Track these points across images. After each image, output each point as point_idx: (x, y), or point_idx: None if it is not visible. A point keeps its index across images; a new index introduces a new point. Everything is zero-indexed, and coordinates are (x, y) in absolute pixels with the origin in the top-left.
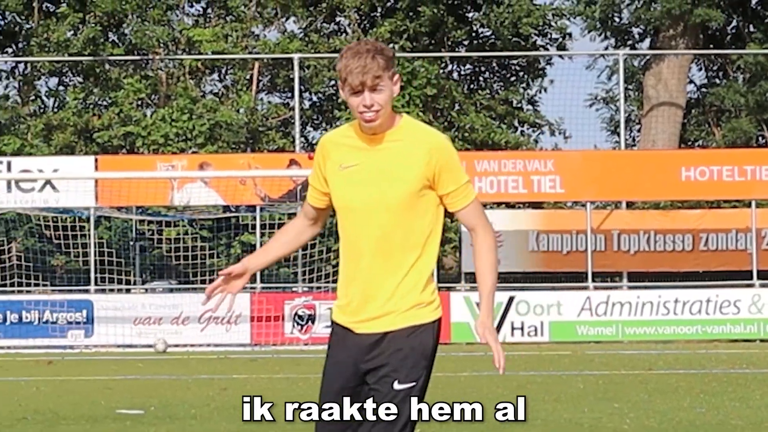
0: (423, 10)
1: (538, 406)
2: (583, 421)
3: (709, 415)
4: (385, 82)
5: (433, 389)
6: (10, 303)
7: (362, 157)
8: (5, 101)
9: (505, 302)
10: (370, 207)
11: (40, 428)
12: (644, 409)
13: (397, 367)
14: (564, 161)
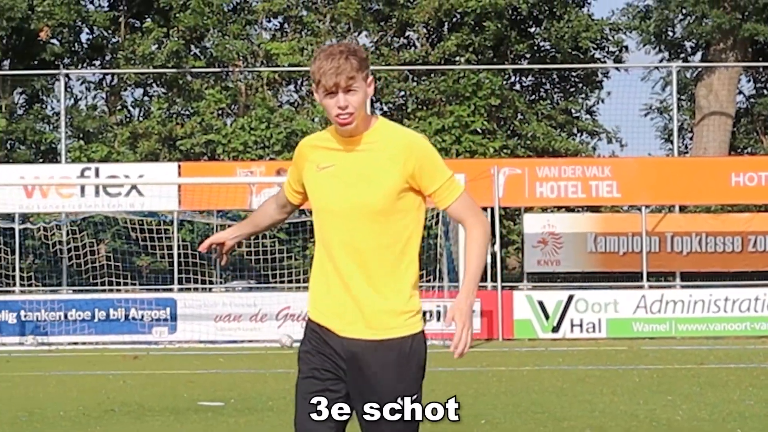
0: (488, 25)
1: (596, 398)
2: (639, 412)
3: (757, 407)
4: (358, 83)
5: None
6: (99, 301)
7: (338, 159)
8: (94, 111)
9: (565, 300)
10: (347, 210)
11: (127, 420)
12: (696, 402)
13: (393, 381)
14: (620, 167)
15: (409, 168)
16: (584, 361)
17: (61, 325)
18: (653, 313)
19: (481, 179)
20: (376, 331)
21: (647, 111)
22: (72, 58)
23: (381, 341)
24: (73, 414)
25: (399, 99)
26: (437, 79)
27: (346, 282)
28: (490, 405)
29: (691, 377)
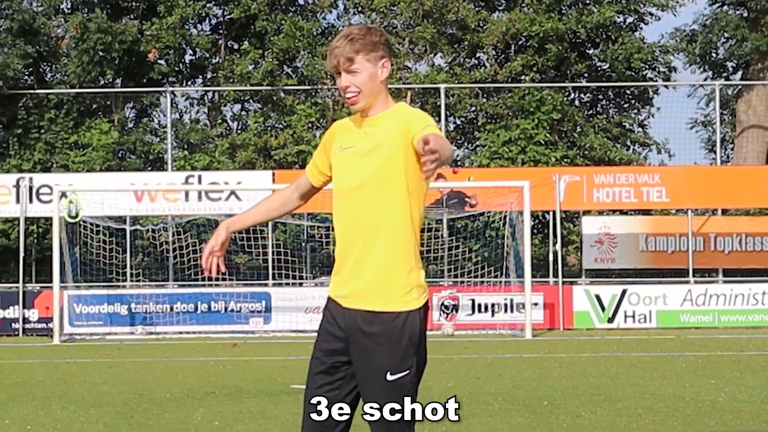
0: (550, 47)
1: (647, 381)
2: (685, 394)
3: None
4: (358, 64)
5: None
6: (201, 295)
7: (357, 139)
8: (196, 124)
9: (619, 294)
10: (354, 187)
11: (226, 401)
12: (737, 385)
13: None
14: (669, 175)
15: (404, 133)
16: (636, 348)
17: (167, 317)
18: (698, 306)
19: (543, 185)
20: (374, 303)
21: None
22: (177, 77)
23: (377, 313)
24: (179, 396)
25: (470, 113)
26: (504, 95)
27: (352, 256)
28: (551, 388)
29: (732, 363)
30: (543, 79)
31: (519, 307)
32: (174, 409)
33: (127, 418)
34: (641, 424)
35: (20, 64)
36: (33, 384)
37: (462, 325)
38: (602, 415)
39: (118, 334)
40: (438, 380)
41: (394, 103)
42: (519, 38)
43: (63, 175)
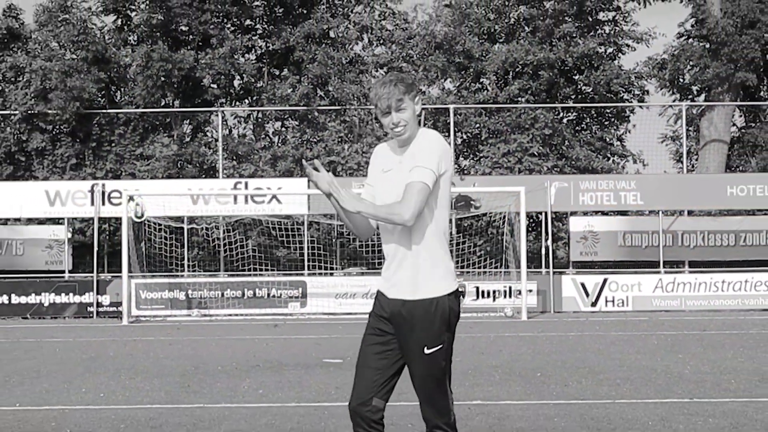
0: (542, 74)
1: (624, 356)
2: (656, 367)
3: (746, 363)
4: (406, 103)
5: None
6: (247, 282)
7: (396, 164)
8: (243, 139)
9: (601, 282)
10: (392, 201)
11: (269, 372)
12: (700, 359)
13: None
14: (643, 182)
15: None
16: (615, 328)
17: (218, 301)
18: (667, 292)
19: (537, 191)
20: (409, 293)
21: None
22: (227, 98)
23: (412, 301)
24: (228, 368)
25: (475, 129)
26: (504, 114)
27: (392, 257)
28: (543, 362)
29: (696, 341)
30: (536, 100)
31: (516, 293)
32: (224, 380)
33: (184, 387)
34: (619, 393)
35: (94, 87)
36: (105, 358)
37: (469, 308)
38: (586, 384)
39: (177, 316)
40: None
41: (419, 129)
42: (516, 66)
43: (130, 181)
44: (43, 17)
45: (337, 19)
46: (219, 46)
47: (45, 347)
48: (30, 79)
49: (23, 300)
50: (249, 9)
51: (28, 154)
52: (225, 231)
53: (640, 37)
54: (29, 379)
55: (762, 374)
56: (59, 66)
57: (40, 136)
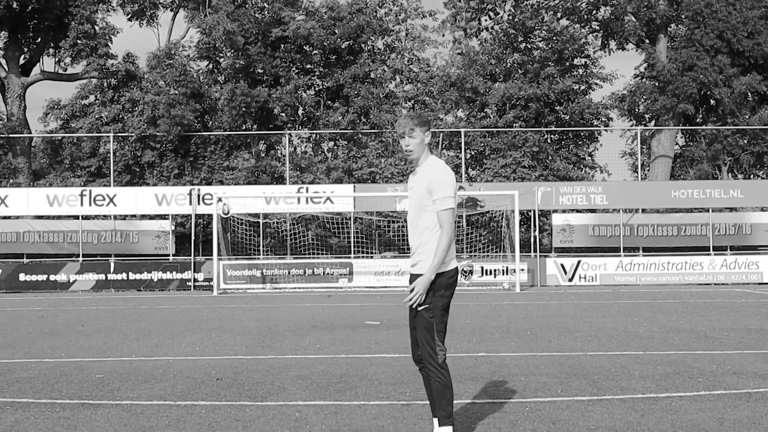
0: (531, 105)
1: (594, 320)
2: (618, 327)
3: (686, 324)
4: (416, 132)
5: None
6: (309, 263)
7: (413, 182)
8: (305, 154)
9: (576, 263)
10: (411, 209)
11: (324, 332)
12: (651, 321)
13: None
14: (608, 187)
15: (427, 188)
16: (586, 298)
17: (286, 278)
18: (626, 271)
19: (527, 194)
20: (420, 270)
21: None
22: (293, 124)
23: (418, 275)
24: (293, 328)
25: (480, 147)
26: (502, 136)
27: (413, 250)
28: (532, 323)
29: (648, 308)
30: (527, 125)
31: (511, 271)
32: (291, 337)
33: (260, 342)
34: (589, 347)
35: (192, 116)
36: (200, 321)
37: (475, 283)
38: (564, 340)
39: (255, 289)
40: (460, 318)
41: (430, 155)
42: (512, 99)
43: (219, 187)
44: (153, 62)
45: (376, 63)
46: (286, 84)
47: (154, 312)
48: (143, 109)
49: (138, 276)
50: (309, 56)
51: (142, 167)
52: (291, 224)
53: (606, 77)
54: (143, 336)
55: (697, 333)
56: (165, 99)
57: (150, 153)
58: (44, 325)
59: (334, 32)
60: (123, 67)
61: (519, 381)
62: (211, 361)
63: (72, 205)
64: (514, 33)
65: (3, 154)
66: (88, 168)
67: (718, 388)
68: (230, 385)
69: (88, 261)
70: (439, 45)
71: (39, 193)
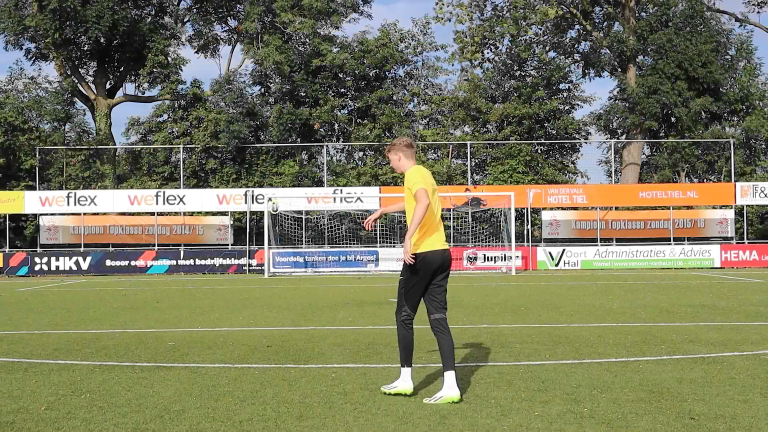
0: (525, 122)
1: (576, 298)
2: (595, 304)
3: (652, 302)
4: (390, 158)
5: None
6: (342, 251)
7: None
8: (339, 162)
9: (561, 251)
10: (406, 207)
11: (354, 308)
12: (623, 299)
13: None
14: (588, 189)
15: (406, 186)
16: (570, 280)
17: (324, 264)
18: (603, 257)
19: (521, 195)
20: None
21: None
22: (330, 137)
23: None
24: (330, 304)
25: (483, 156)
26: (501, 147)
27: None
28: (526, 301)
29: (620, 288)
30: (521, 138)
31: (508, 258)
32: (328, 312)
33: (304, 316)
34: (573, 320)
35: (247, 130)
36: (254, 298)
37: (479, 267)
38: (551, 315)
39: (299, 273)
40: (466, 296)
41: (410, 166)
42: (509, 117)
43: (270, 189)
44: (215, 87)
45: (398, 88)
46: (324, 104)
47: (216, 292)
48: (207, 125)
49: (202, 262)
50: (343, 81)
51: (206, 172)
52: (328, 219)
53: (586, 99)
54: (207, 311)
55: (661, 309)
56: (225, 117)
57: (213, 161)
58: (126, 302)
59: (364, 62)
60: (191, 91)
61: (514, 348)
62: (262, 331)
63: (149, 203)
64: (511, 63)
65: (93, 162)
66: (162, 173)
67: (678, 354)
68: (278, 351)
69: (162, 249)
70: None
71: (122, 194)
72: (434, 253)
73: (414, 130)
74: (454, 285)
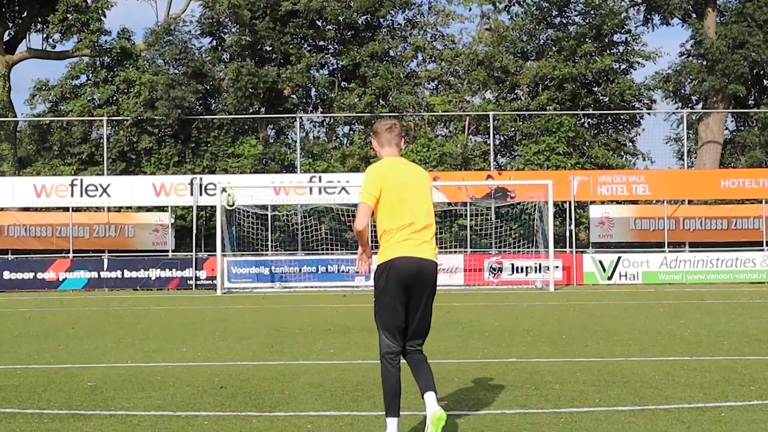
0: (566, 86)
1: (635, 321)
2: (661, 330)
3: (737, 327)
4: (373, 140)
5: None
6: (321, 260)
7: None
8: (318, 140)
9: (616, 260)
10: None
11: (338, 334)
12: (698, 324)
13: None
14: (650, 176)
15: None
16: (627, 298)
17: (297, 276)
18: (671, 268)
19: (562, 183)
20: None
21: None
22: (304, 106)
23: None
24: (305, 330)
25: (511, 132)
26: (535, 120)
27: None
28: (567, 326)
29: (695, 308)
30: (562, 108)
31: (545, 269)
32: (301, 341)
33: (268, 347)
34: (631, 352)
35: (193, 97)
36: (202, 323)
37: (505, 282)
38: (603, 345)
39: (262, 288)
40: (488, 320)
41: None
42: (545, 79)
43: (223, 176)
44: (151, 38)
45: (396, 40)
46: (297, 62)
47: (152, 314)
48: (140, 90)
49: (134, 274)
50: (323, 32)
51: (138, 153)
52: (302, 217)
53: (648, 56)
54: (139, 341)
55: (749, 336)
56: (164, 79)
57: (148, 138)
58: (31, 327)
59: (350, 6)
60: (117, 45)
61: (553, 389)
62: (214, 367)
63: (61, 195)
64: (548, 6)
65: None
66: (79, 155)
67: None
68: (235, 393)
69: (79, 257)
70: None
71: (25, 183)
72: (401, 261)
73: (418, 96)
74: (472, 305)
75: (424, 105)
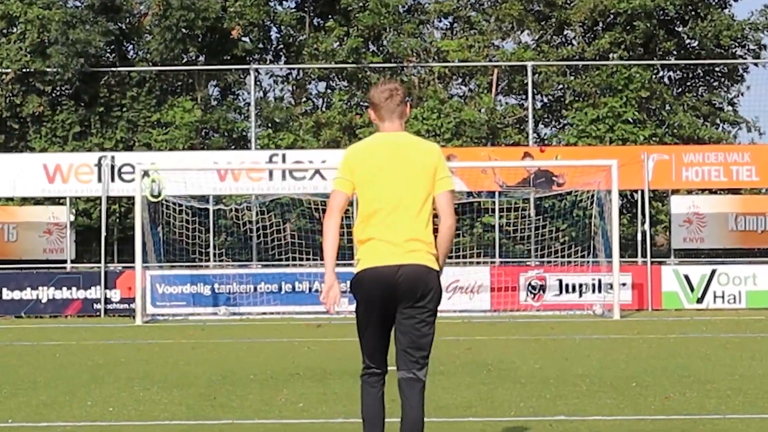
0: (638, 24)
1: (737, 363)
2: None
3: None
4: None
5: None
6: (285, 275)
7: None
8: (281, 102)
9: (708, 274)
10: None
11: (311, 383)
12: None
13: None
14: (759, 154)
15: None
16: (726, 329)
17: (250, 297)
18: None
19: (631, 164)
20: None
21: None
22: (261, 55)
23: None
24: (262, 377)
25: (558, 92)
26: (592, 73)
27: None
28: (640, 368)
29: None
30: (631, 56)
31: (607, 287)
32: (257, 391)
33: (210, 399)
34: (731, 406)
35: (102, 41)
36: (115, 365)
37: (549, 306)
38: (691, 396)
39: (201, 315)
40: (525, 361)
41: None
42: (607, 15)
43: (145, 153)
44: None
45: None
46: None
47: (43, 352)
48: (25, 30)
49: (17, 296)
50: None
51: (23, 121)
52: (258, 213)
53: None
54: (23, 390)
55: None
56: (60, 15)
57: (37, 99)
58: None
59: None
60: None
61: None
62: (131, 428)
63: None
64: None
65: None
66: None
67: None
68: None
69: None
70: None
71: None
72: (368, 274)
73: (425, 39)
74: (503, 340)
75: (433, 52)
